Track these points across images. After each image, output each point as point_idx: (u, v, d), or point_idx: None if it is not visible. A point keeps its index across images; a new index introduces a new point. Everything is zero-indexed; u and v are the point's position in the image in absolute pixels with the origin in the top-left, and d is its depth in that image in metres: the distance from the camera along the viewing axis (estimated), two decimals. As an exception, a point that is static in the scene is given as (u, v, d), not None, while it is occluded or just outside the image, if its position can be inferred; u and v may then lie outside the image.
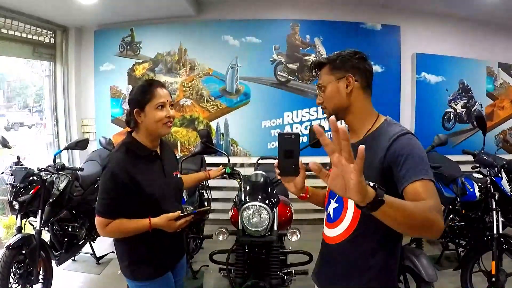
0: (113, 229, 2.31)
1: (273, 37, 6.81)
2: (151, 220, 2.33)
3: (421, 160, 1.68)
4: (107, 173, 2.29)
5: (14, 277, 3.79)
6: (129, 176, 2.27)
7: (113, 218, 2.29)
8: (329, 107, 2.00)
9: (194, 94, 6.89)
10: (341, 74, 1.93)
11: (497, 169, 4.22)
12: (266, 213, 3.21)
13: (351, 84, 1.91)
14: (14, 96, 13.71)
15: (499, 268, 3.79)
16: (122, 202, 2.29)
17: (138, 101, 2.37)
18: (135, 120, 2.40)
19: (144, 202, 2.35)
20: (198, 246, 5.22)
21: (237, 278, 3.35)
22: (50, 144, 7.19)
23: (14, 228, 4.20)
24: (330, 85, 1.96)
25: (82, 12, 6.14)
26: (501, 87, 7.34)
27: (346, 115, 1.99)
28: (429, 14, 7.05)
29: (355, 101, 1.94)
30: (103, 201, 2.29)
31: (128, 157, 2.35)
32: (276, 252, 3.37)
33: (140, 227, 2.32)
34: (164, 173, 2.53)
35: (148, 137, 2.44)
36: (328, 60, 1.99)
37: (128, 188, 2.27)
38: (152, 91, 2.37)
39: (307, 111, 6.81)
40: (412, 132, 1.78)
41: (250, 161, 6.76)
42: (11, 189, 3.99)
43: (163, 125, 2.40)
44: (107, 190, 2.28)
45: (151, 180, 2.39)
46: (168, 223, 2.36)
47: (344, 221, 1.97)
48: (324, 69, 2.01)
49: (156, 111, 2.35)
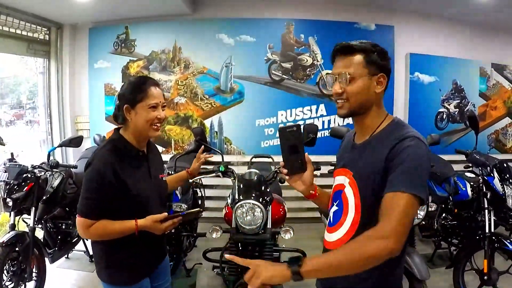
0: (97, 231, 2.19)
1: (267, 36, 6.82)
2: (137, 221, 2.22)
3: (414, 170, 1.57)
4: (92, 171, 2.18)
5: (7, 275, 3.77)
6: (115, 175, 2.18)
7: (96, 218, 2.18)
8: (353, 102, 1.79)
9: (188, 92, 6.89)
10: (375, 71, 1.76)
11: (489, 168, 4.25)
12: (259, 211, 3.22)
13: (383, 85, 1.79)
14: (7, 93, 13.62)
15: (491, 267, 3.82)
16: (107, 202, 2.18)
17: (129, 98, 2.28)
18: (124, 117, 2.31)
19: (129, 203, 2.25)
20: (192, 244, 5.21)
21: (230, 276, 3.35)
22: (44, 141, 7.17)
23: (7, 225, 4.19)
24: (362, 79, 1.75)
25: (77, 9, 6.14)
26: (493, 88, 7.39)
27: (364, 115, 1.84)
28: (422, 15, 7.08)
29: (377, 102, 1.83)
30: (86, 200, 2.17)
31: (115, 155, 2.25)
32: (270, 250, 3.37)
33: (126, 229, 2.21)
34: (150, 175, 2.44)
35: (135, 136, 2.35)
36: (362, 49, 1.79)
37: (114, 188, 2.17)
38: (146, 90, 2.27)
39: (301, 110, 6.82)
40: (420, 137, 1.66)
41: (244, 159, 6.77)
42: (5, 186, 3.97)
43: (151, 127, 2.31)
44: (90, 189, 2.17)
45: (137, 181, 2.29)
46: (155, 225, 2.25)
47: (344, 224, 1.84)
48: (355, 57, 1.78)
49: (147, 111, 2.27)
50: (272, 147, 6.81)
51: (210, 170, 3.88)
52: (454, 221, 4.86)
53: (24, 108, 13.48)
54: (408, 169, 1.57)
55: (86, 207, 2.17)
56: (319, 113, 6.82)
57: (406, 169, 1.57)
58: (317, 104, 6.79)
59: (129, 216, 2.23)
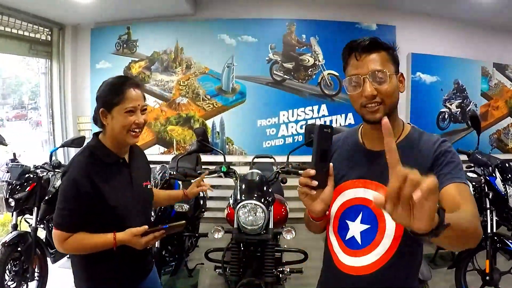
0: (73, 245, 2.04)
1: (269, 36, 6.82)
2: (116, 235, 2.05)
3: (461, 166, 1.55)
4: (67, 180, 2.03)
5: (9, 275, 3.79)
6: (92, 184, 2.02)
7: (73, 231, 2.03)
8: (389, 104, 1.61)
9: (190, 93, 6.89)
10: (397, 69, 1.67)
11: (491, 168, 4.25)
12: (261, 211, 3.22)
13: (403, 84, 1.70)
14: (9, 93, 13.67)
15: (493, 267, 3.81)
16: (84, 214, 2.03)
17: (105, 101, 2.09)
18: (101, 121, 2.14)
19: (106, 215, 2.09)
20: (194, 244, 5.22)
21: (232, 276, 3.35)
22: (46, 142, 7.19)
23: (9, 225, 4.22)
24: (394, 77, 1.62)
25: (79, 10, 6.14)
26: (495, 87, 7.38)
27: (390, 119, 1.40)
28: (424, 14, 7.08)
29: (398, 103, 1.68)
30: (62, 211, 2.03)
31: (92, 163, 2.08)
32: (271, 250, 3.37)
33: (104, 243, 2.05)
34: (132, 184, 2.25)
35: (113, 142, 2.17)
36: (387, 46, 1.70)
37: (91, 198, 2.01)
38: (123, 92, 2.07)
39: (302, 110, 6.82)
40: None
41: (246, 159, 6.77)
42: (7, 186, 4.00)
43: (128, 133, 2.11)
44: (67, 199, 2.02)
45: (115, 191, 2.12)
46: (134, 239, 2.06)
47: (380, 245, 1.60)
48: (382, 54, 1.65)
49: (123, 116, 2.07)
50: (273, 147, 6.81)
51: (212, 171, 3.89)
52: (456, 221, 4.85)
53: (26, 109, 13.53)
54: (459, 165, 1.54)
55: (61, 218, 2.04)
56: (320, 113, 6.82)
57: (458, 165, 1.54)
58: (318, 104, 6.79)
59: (108, 228, 2.08)
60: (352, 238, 1.68)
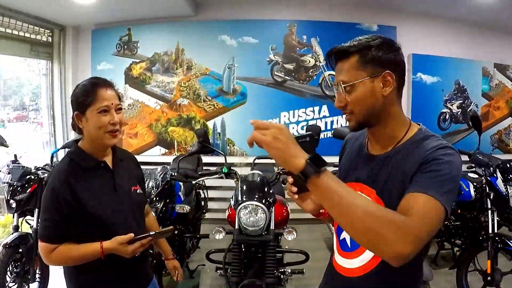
0: (60, 257, 1.96)
1: (270, 37, 6.83)
2: (103, 244, 1.95)
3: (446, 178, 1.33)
4: (46, 190, 1.97)
5: (10, 276, 3.79)
6: (71, 191, 1.93)
7: (58, 242, 1.95)
8: (359, 112, 1.53)
9: (191, 94, 6.89)
10: (377, 70, 1.48)
11: (492, 169, 4.24)
12: (262, 212, 3.23)
13: (390, 84, 1.49)
14: (10, 94, 13.68)
15: (494, 267, 3.81)
16: (67, 224, 1.94)
17: (78, 103, 2.01)
18: (77, 126, 2.06)
19: (89, 223, 1.99)
20: (195, 245, 5.22)
21: (233, 277, 3.35)
22: (47, 143, 7.19)
23: (10, 226, 4.21)
24: (362, 84, 1.48)
25: (80, 11, 6.15)
26: (496, 88, 7.38)
27: (381, 124, 1.56)
28: (425, 15, 7.08)
29: (390, 105, 1.54)
30: (45, 223, 1.95)
31: (71, 170, 2.00)
32: (273, 251, 3.37)
33: (91, 253, 1.95)
34: (116, 189, 2.12)
35: (92, 145, 2.08)
36: (358, 49, 1.52)
37: (70, 206, 1.92)
38: (94, 92, 2.01)
39: (303, 111, 6.82)
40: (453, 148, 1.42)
41: (247, 160, 6.76)
42: (8, 187, 3.99)
43: (106, 134, 2.01)
44: (49, 210, 1.93)
45: (96, 197, 2.01)
46: (120, 247, 1.95)
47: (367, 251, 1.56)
48: (350, 61, 1.52)
49: (97, 117, 1.98)
50: (274, 148, 6.76)
51: (213, 172, 3.90)
52: (457, 222, 4.85)
53: (27, 110, 13.55)
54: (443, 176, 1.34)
55: (45, 230, 1.95)
56: (321, 114, 6.82)
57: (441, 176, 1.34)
58: (319, 105, 6.78)
59: (93, 237, 1.98)
60: (344, 239, 1.68)
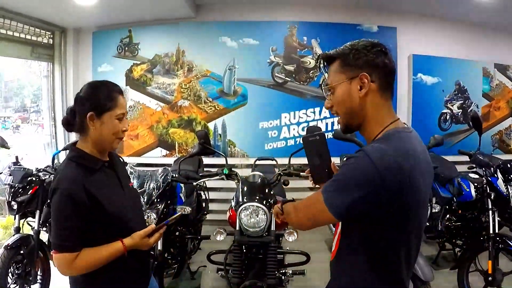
0: (84, 264, 1.92)
1: (270, 39, 6.83)
2: (124, 241, 2.00)
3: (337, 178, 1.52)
4: (60, 197, 1.88)
5: (12, 277, 3.80)
6: (87, 194, 1.90)
7: (78, 250, 1.90)
8: (341, 113, 1.66)
9: (191, 95, 6.90)
10: (354, 72, 1.57)
11: (493, 169, 4.25)
12: (263, 213, 3.23)
13: (365, 85, 1.56)
14: (12, 96, 13.70)
15: (495, 268, 3.81)
16: (85, 228, 1.91)
17: (97, 105, 2.01)
18: (85, 125, 2.03)
19: (109, 223, 2.00)
20: (196, 246, 5.22)
21: (234, 278, 3.35)
22: (48, 145, 7.19)
23: (12, 228, 4.22)
24: (341, 86, 1.61)
25: (80, 13, 6.16)
26: (497, 88, 7.38)
27: (361, 123, 1.64)
28: (425, 16, 7.08)
29: (370, 106, 1.59)
30: (64, 231, 1.88)
31: (81, 172, 1.97)
32: (274, 252, 3.37)
33: (114, 253, 1.97)
34: (122, 186, 2.19)
35: (96, 148, 2.08)
36: (339, 54, 1.64)
37: (89, 209, 1.90)
38: (115, 98, 2.05)
39: (304, 112, 6.83)
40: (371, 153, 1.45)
41: (248, 162, 6.78)
42: (10, 189, 4.01)
43: (116, 139, 2.10)
44: (65, 217, 1.88)
45: (110, 196, 2.04)
46: (142, 241, 2.05)
47: (336, 235, 1.76)
48: (333, 65, 1.66)
49: (114, 122, 2.04)
50: (275, 149, 6.82)
51: (214, 173, 3.90)
52: (458, 222, 4.85)
53: (28, 112, 13.56)
54: (336, 179, 1.53)
55: (64, 239, 1.88)
56: (322, 115, 6.82)
57: (334, 180, 1.52)
58: (320, 106, 6.78)
59: (111, 237, 2.00)
60: None
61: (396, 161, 1.42)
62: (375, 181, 1.41)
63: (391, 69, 1.61)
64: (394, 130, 1.56)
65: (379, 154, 1.43)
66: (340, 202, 1.47)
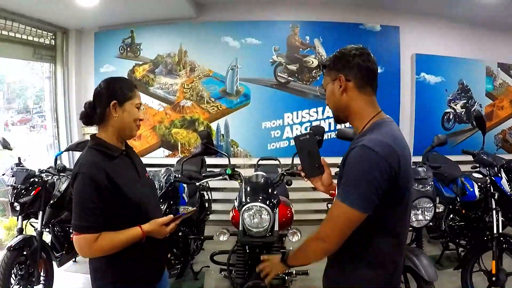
0: (104, 245, 2.01)
1: (273, 39, 6.82)
2: (142, 227, 2.10)
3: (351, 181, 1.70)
4: (83, 180, 2.00)
5: (15, 278, 3.80)
6: (108, 178, 2.03)
7: (99, 231, 2.00)
8: (330, 107, 2.00)
9: (194, 96, 6.90)
10: (335, 74, 1.89)
11: (496, 168, 4.23)
12: (266, 213, 3.22)
13: (343, 85, 1.86)
14: (14, 97, 13.71)
15: (499, 268, 3.80)
16: (105, 211, 2.01)
17: (120, 95, 2.19)
18: (106, 114, 2.18)
19: (128, 208, 2.11)
20: (199, 247, 5.22)
21: (238, 278, 3.35)
22: (51, 146, 7.20)
23: (15, 229, 4.22)
24: (328, 86, 1.95)
25: (82, 14, 6.16)
26: (500, 87, 7.36)
27: (347, 116, 1.95)
28: (428, 15, 7.06)
29: (351, 101, 1.89)
30: (84, 213, 1.98)
31: (102, 159, 2.10)
32: (277, 252, 3.37)
33: (132, 237, 2.07)
34: (138, 174, 2.32)
35: (116, 136, 2.23)
36: (328, 61, 1.96)
37: (110, 193, 2.02)
38: (135, 90, 2.28)
39: (307, 112, 6.82)
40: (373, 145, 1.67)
41: (251, 162, 6.78)
42: (12, 190, 4.01)
43: (136, 126, 2.27)
44: (86, 199, 1.98)
45: (129, 182, 2.17)
46: (160, 228, 2.16)
47: None
48: (326, 70, 1.98)
49: (134, 110, 2.23)
50: (278, 149, 6.80)
51: (217, 173, 3.89)
52: (462, 222, 4.84)
53: (31, 113, 13.56)
54: (349, 180, 1.71)
55: (85, 220, 1.98)
56: (325, 114, 6.80)
57: (348, 179, 1.72)
58: (323, 106, 6.75)
59: (128, 221, 2.11)
60: None
61: (391, 145, 1.68)
62: (382, 165, 1.65)
63: (367, 68, 1.86)
64: (381, 121, 1.84)
65: (377, 143, 1.68)
66: (365, 196, 1.66)
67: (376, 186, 1.64)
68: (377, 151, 1.64)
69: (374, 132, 1.76)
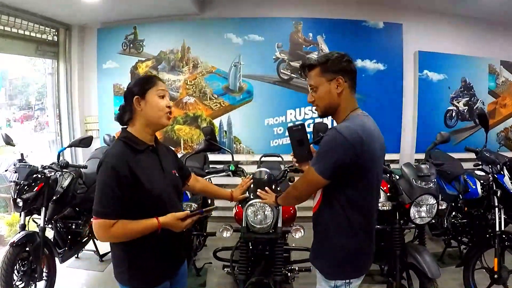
0: (119, 231, 2.11)
1: (276, 35, 6.81)
2: (159, 219, 2.18)
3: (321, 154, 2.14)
4: (106, 169, 2.12)
5: (18, 274, 3.81)
6: (129, 169, 2.12)
7: (117, 217, 2.10)
8: (321, 106, 2.32)
9: (197, 92, 6.90)
10: (332, 76, 2.21)
11: (499, 166, 4.23)
12: (270, 210, 3.22)
13: (341, 85, 2.20)
14: (16, 94, 13.68)
15: (501, 265, 3.82)
16: (125, 199, 2.11)
17: (139, 88, 2.29)
18: (133, 110, 2.30)
19: (146, 200, 2.19)
20: (202, 243, 5.23)
21: (241, 275, 3.35)
22: (53, 142, 7.21)
23: (17, 225, 4.22)
24: (322, 86, 2.25)
25: (85, 10, 6.16)
26: (503, 85, 7.34)
27: (335, 112, 2.31)
28: (431, 12, 7.05)
29: (344, 100, 2.25)
30: (104, 199, 2.09)
31: (127, 151, 2.21)
32: (280, 249, 3.38)
33: (148, 227, 2.16)
34: (163, 169, 2.39)
35: (145, 128, 2.33)
36: (318, 63, 2.25)
37: (130, 183, 2.11)
38: (153, 80, 2.33)
39: (309, 108, 6.81)
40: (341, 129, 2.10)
41: (253, 158, 6.79)
42: (15, 186, 4.01)
43: (164, 115, 2.32)
44: (108, 186, 2.09)
45: (150, 176, 2.24)
46: (175, 222, 2.23)
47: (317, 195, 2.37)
48: (314, 71, 2.28)
49: (158, 98, 2.29)
50: (281, 146, 6.81)
51: (220, 170, 3.90)
52: (464, 220, 4.84)
53: (33, 109, 13.54)
54: (318, 152, 2.17)
55: (104, 206, 2.09)
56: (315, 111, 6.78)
57: (318, 152, 2.18)
58: (325, 103, 6.73)
59: (146, 213, 2.19)
60: None
61: (357, 131, 2.07)
62: (347, 146, 2.04)
63: (355, 72, 2.26)
64: (355, 114, 2.25)
65: (346, 129, 2.08)
66: (326, 166, 2.11)
67: (336, 160, 2.07)
68: (344, 134, 2.05)
69: (348, 121, 2.18)
